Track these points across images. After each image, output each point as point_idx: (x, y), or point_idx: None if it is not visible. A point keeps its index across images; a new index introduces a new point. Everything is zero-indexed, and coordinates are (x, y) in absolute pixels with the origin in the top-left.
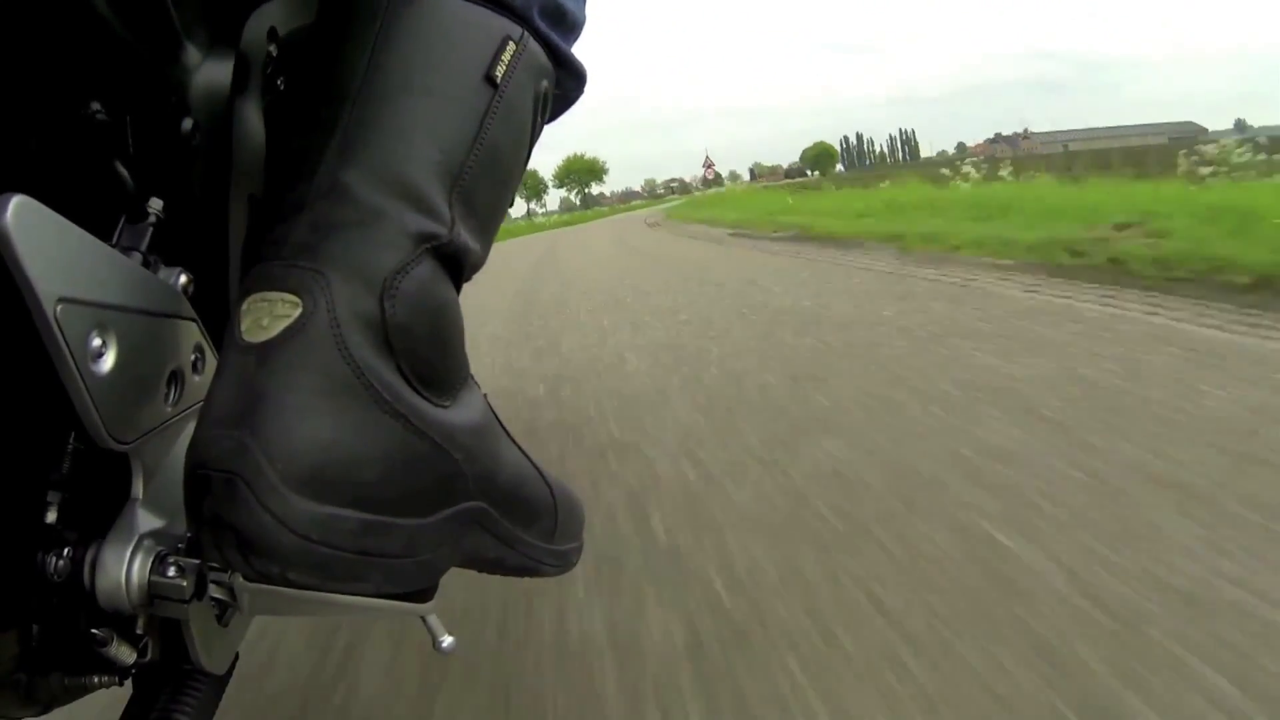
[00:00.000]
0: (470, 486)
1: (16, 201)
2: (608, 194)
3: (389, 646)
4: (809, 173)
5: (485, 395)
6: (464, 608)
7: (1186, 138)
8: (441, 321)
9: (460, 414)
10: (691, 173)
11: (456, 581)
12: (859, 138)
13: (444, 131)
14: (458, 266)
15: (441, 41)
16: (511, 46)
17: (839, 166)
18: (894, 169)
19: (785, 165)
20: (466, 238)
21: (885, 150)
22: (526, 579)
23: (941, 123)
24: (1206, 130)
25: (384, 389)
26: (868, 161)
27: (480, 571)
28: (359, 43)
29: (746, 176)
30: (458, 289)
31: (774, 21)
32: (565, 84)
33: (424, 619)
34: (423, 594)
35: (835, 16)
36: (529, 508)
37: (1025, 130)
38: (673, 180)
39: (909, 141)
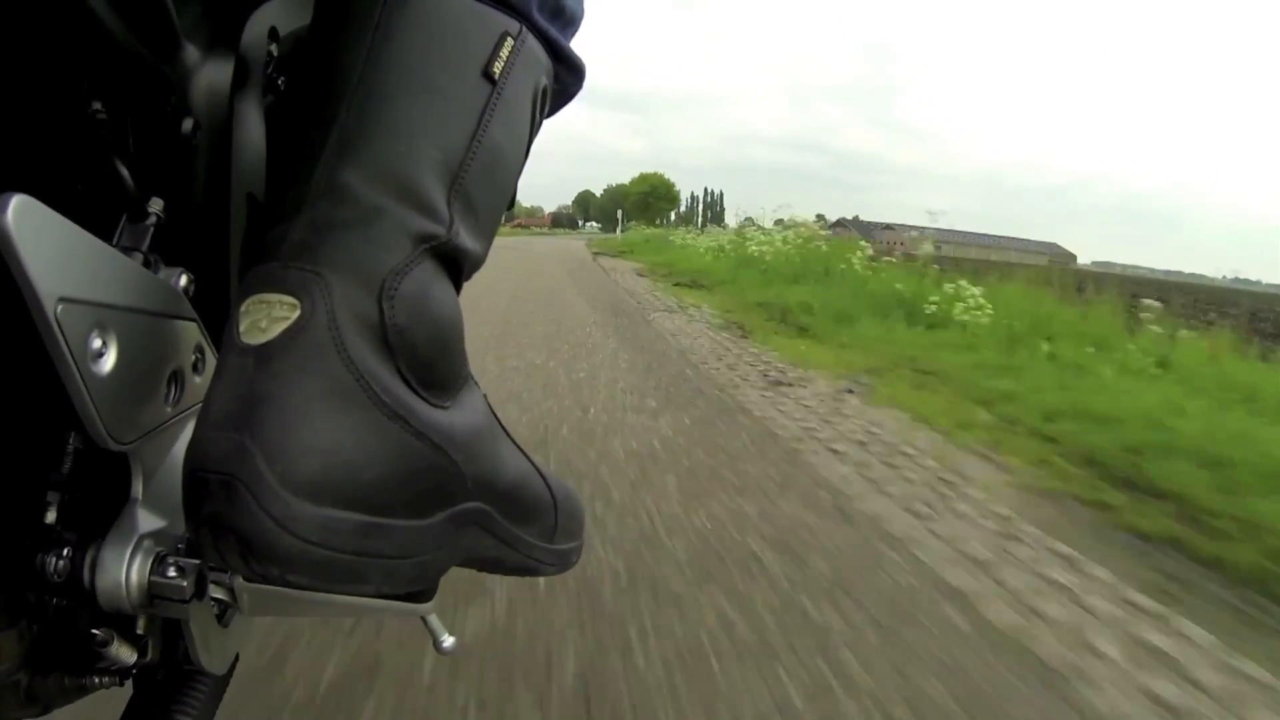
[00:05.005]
0: (470, 487)
1: (17, 201)
2: None
3: None
4: (581, 222)
5: (485, 395)
6: None
7: (1059, 259)
8: (440, 323)
9: (460, 415)
10: None
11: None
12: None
13: (443, 129)
14: (457, 266)
15: (439, 38)
16: (510, 42)
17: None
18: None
19: (551, 209)
20: (465, 237)
21: (683, 208)
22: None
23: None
24: (1075, 257)
25: (383, 391)
26: (670, 217)
27: (479, 571)
28: (356, 40)
29: None
30: (457, 289)
31: None
32: (564, 79)
33: (424, 619)
34: (423, 594)
35: (602, 70)
36: (529, 508)
37: (856, 217)
38: None
39: (714, 204)
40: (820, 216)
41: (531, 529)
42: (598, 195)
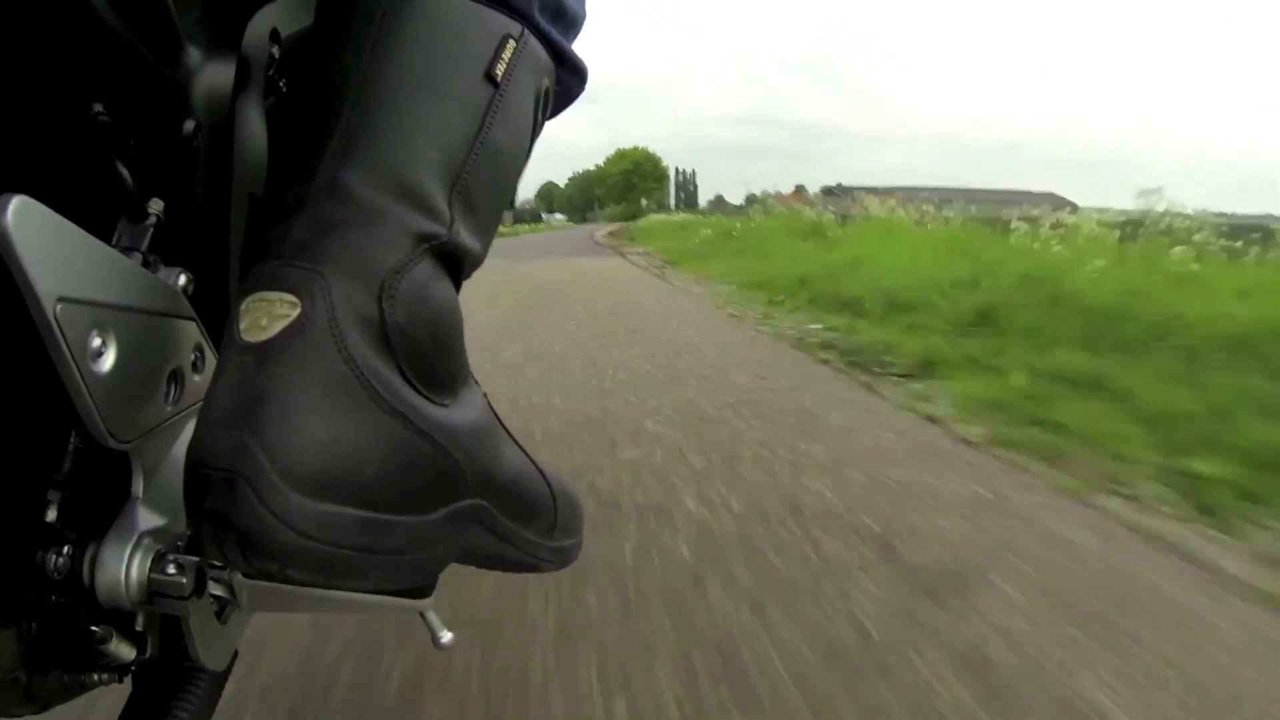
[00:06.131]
0: (470, 484)
1: (17, 202)
2: None
3: None
4: (544, 215)
5: (485, 394)
6: None
7: (1061, 208)
8: (441, 321)
9: (460, 413)
10: None
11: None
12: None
13: (444, 131)
14: (457, 266)
15: (441, 40)
16: (512, 44)
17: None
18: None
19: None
20: (466, 237)
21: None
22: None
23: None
24: (1076, 205)
25: (383, 388)
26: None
27: (479, 567)
28: (358, 42)
29: None
30: (457, 288)
31: None
32: (566, 81)
33: (423, 615)
34: (422, 590)
35: None
36: (528, 505)
37: (839, 184)
38: None
39: (687, 183)
40: (800, 187)
41: (531, 526)
42: (562, 185)
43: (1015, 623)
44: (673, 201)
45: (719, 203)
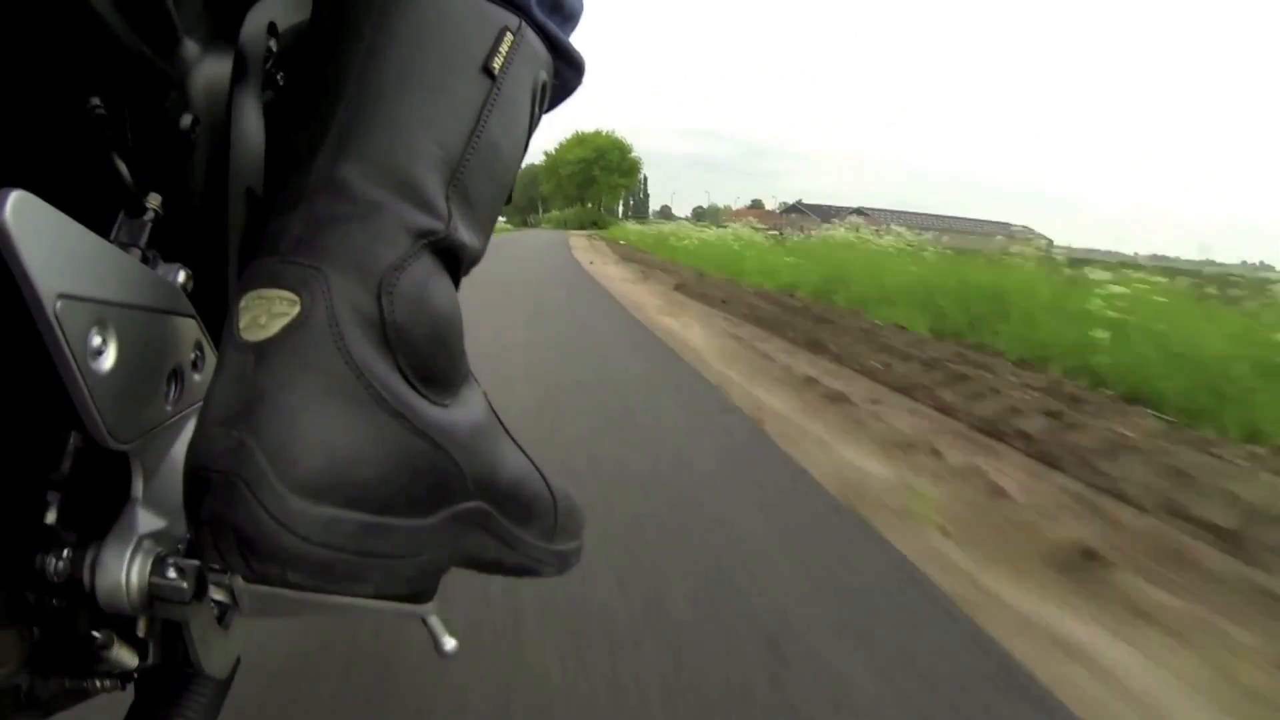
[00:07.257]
0: (470, 486)
1: (15, 197)
2: None
3: None
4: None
5: (485, 393)
6: None
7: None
8: (439, 318)
9: (460, 413)
10: None
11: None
12: None
13: (441, 125)
14: (455, 262)
15: (438, 33)
16: (509, 37)
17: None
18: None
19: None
20: (464, 232)
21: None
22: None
23: None
24: (1050, 240)
25: (383, 388)
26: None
27: (479, 572)
28: (355, 36)
29: None
30: (456, 284)
31: None
32: (563, 74)
33: (425, 620)
34: (423, 595)
35: None
36: (529, 508)
37: (799, 201)
38: None
39: (638, 190)
40: (757, 202)
41: (531, 529)
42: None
43: None
44: (621, 209)
45: (665, 213)
